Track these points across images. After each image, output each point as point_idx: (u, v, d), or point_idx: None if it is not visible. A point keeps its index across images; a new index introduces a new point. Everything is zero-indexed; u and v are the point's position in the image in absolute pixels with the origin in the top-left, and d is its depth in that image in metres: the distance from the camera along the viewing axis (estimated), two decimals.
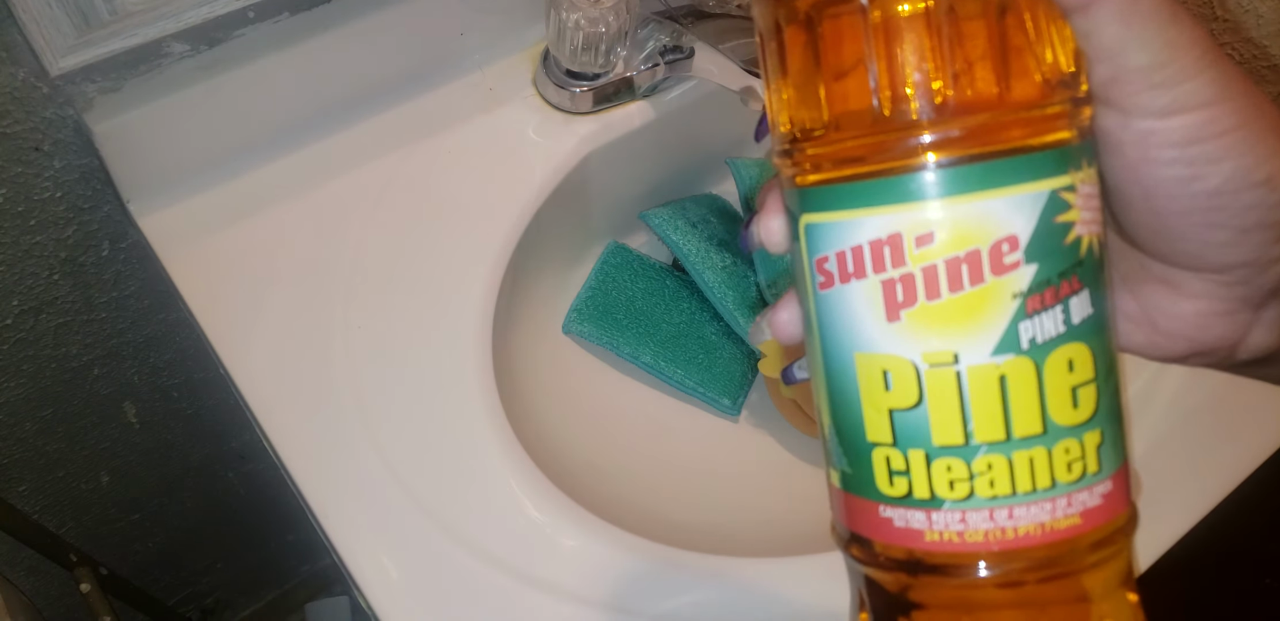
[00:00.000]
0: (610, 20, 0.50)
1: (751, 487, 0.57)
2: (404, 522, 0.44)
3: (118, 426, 0.71)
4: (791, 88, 0.23)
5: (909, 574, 0.23)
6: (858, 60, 0.21)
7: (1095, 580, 0.22)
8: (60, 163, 0.50)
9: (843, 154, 0.22)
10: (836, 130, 0.22)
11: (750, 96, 0.51)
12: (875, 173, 0.21)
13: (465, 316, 0.49)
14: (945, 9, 0.20)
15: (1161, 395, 0.51)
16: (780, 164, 0.24)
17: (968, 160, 0.21)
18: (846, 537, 0.25)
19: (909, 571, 0.23)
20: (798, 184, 0.23)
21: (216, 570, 1.02)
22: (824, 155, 0.22)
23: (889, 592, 0.24)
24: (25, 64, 0.44)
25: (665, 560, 0.44)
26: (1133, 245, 0.24)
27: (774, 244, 0.24)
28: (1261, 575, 0.90)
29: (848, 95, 0.22)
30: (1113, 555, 0.22)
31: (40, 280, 0.55)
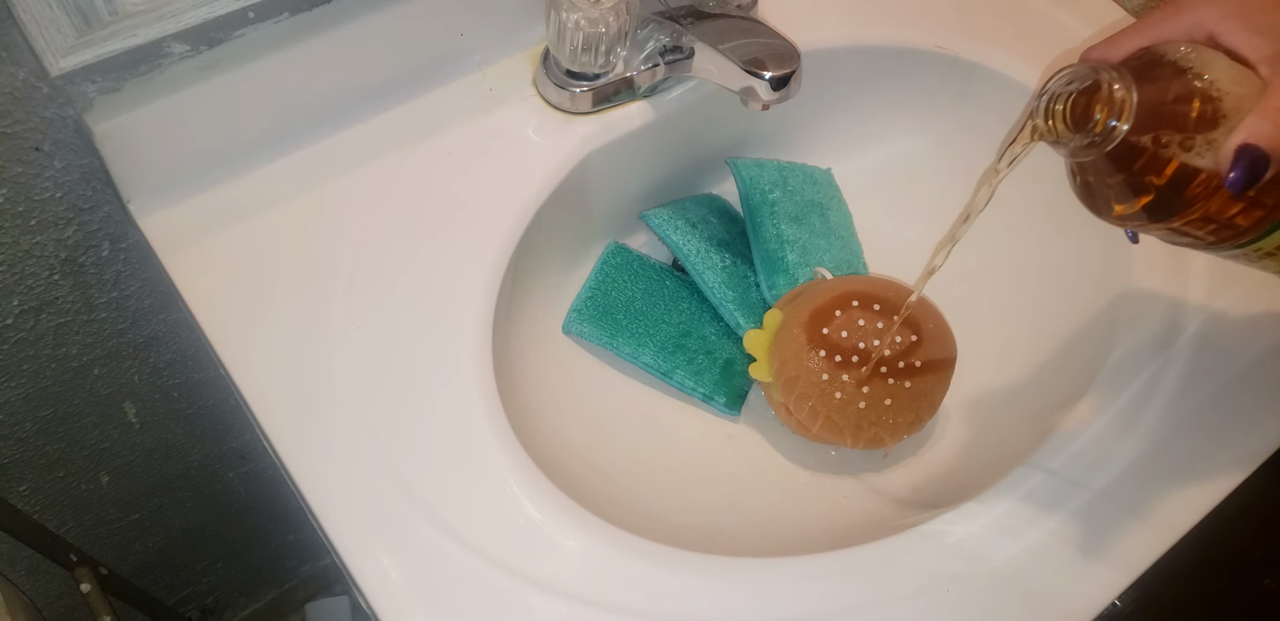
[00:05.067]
0: (610, 20, 0.50)
1: (751, 487, 0.57)
2: (404, 522, 0.44)
3: (118, 426, 0.71)
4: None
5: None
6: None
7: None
8: (60, 163, 0.50)
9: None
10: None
11: (750, 96, 0.51)
12: None
13: (465, 316, 0.49)
14: None
15: (1161, 395, 0.51)
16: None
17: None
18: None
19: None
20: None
21: (216, 570, 1.02)
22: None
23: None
24: (25, 64, 0.44)
25: (665, 560, 0.44)
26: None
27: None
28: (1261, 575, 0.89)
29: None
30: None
31: (40, 280, 0.55)
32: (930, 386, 0.55)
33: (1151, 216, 0.38)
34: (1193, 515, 0.48)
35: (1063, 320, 0.59)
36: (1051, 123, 0.41)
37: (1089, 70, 0.39)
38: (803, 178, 0.64)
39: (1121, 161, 0.38)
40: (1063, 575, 0.46)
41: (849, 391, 0.53)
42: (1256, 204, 0.37)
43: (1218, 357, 0.53)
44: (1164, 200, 0.37)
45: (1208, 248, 0.39)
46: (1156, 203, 0.37)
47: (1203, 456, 0.50)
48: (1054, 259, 0.62)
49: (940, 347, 0.56)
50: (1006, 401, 0.58)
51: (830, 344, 0.53)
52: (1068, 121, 0.40)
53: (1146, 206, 0.38)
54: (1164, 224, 0.38)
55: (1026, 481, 0.48)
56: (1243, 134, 0.35)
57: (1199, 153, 0.36)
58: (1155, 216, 0.38)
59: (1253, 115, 0.35)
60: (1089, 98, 0.39)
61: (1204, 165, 0.36)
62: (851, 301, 0.55)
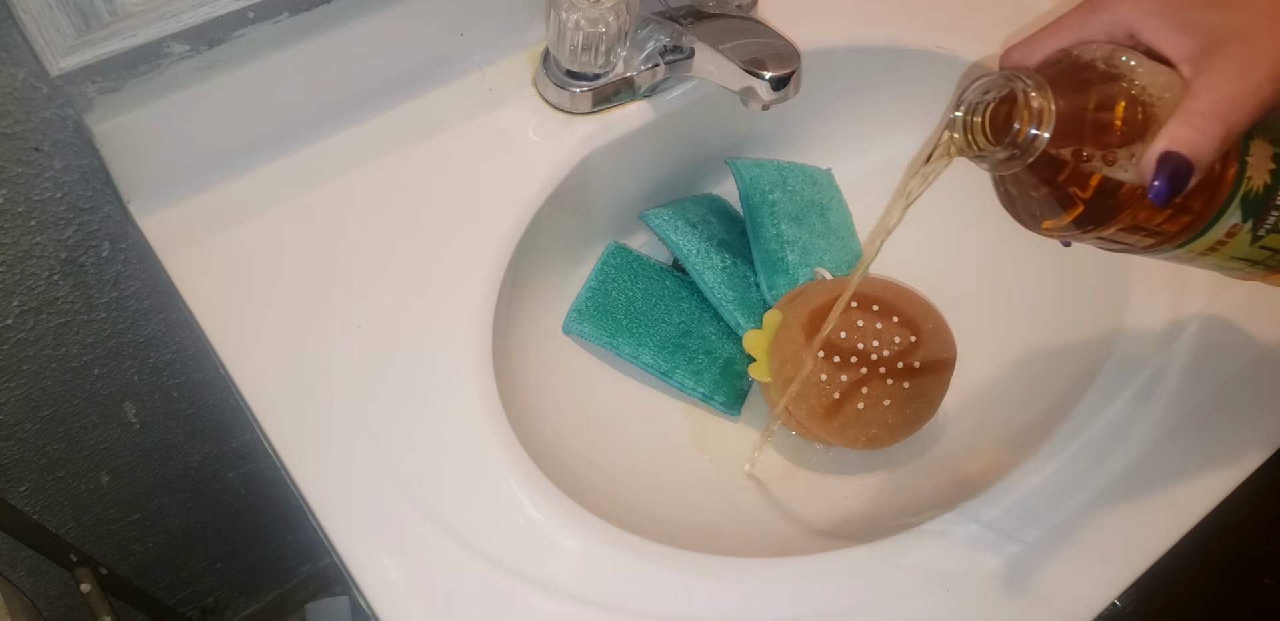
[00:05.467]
0: (610, 20, 0.50)
1: (751, 487, 0.57)
2: (404, 522, 0.44)
3: (118, 426, 0.71)
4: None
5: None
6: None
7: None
8: (60, 163, 0.50)
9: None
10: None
11: (750, 96, 0.51)
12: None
13: (465, 316, 0.49)
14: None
15: (1161, 395, 0.51)
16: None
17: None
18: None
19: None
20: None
21: (216, 570, 1.02)
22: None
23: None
24: (25, 64, 0.44)
25: (665, 560, 0.44)
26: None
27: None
28: (1261, 575, 0.89)
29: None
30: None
31: (40, 280, 0.55)
32: (930, 387, 0.55)
33: (1079, 226, 0.37)
34: (1193, 515, 0.48)
35: (1062, 320, 0.59)
36: (971, 136, 0.39)
37: (1004, 79, 0.38)
38: (803, 178, 0.64)
39: (1044, 173, 0.37)
40: (1063, 575, 0.46)
41: (848, 392, 0.53)
42: (1184, 210, 0.36)
43: (1218, 357, 0.53)
44: (1090, 211, 0.36)
45: (1141, 252, 0.39)
46: (1082, 213, 0.37)
47: (1202, 456, 0.50)
48: (1053, 259, 0.62)
49: (940, 348, 0.56)
50: (1006, 401, 0.58)
51: (829, 344, 0.53)
52: (987, 134, 0.39)
53: (1072, 217, 0.37)
54: (1092, 234, 0.37)
55: (1026, 481, 0.48)
56: (1164, 141, 0.33)
57: (1122, 162, 0.35)
58: (1082, 226, 0.37)
59: (1174, 120, 0.34)
60: (1009, 107, 0.37)
61: (1128, 176, 0.35)
62: (851, 302, 0.55)
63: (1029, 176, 0.37)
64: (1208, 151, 0.33)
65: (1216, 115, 0.33)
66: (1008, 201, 0.40)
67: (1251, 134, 0.36)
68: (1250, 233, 0.37)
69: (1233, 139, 0.34)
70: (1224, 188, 0.36)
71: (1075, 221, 0.37)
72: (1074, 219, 0.37)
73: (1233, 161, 0.36)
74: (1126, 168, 0.35)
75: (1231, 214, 0.36)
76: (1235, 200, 0.36)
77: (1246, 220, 0.37)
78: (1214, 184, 0.36)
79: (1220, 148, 0.33)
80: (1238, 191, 0.36)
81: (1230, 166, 0.36)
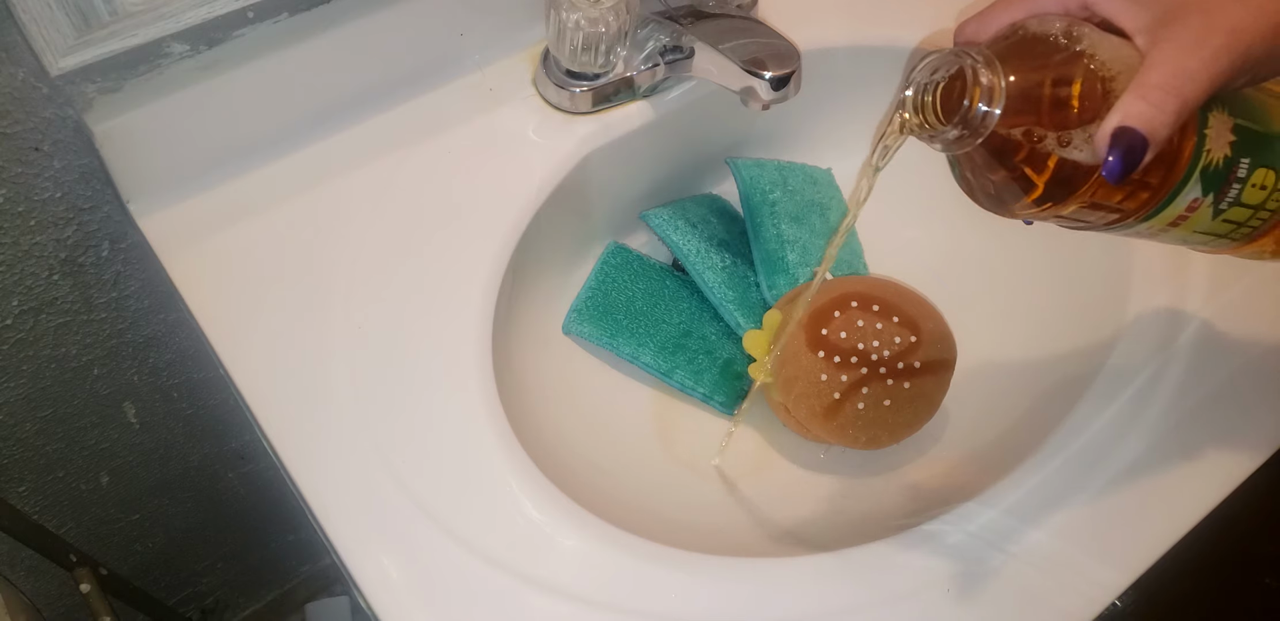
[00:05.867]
0: (610, 20, 0.50)
1: (751, 487, 0.57)
2: (404, 522, 0.44)
3: (118, 426, 0.71)
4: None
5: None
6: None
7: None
8: (60, 163, 0.50)
9: None
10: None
11: (750, 96, 0.51)
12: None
13: (465, 316, 0.49)
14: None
15: (1161, 395, 0.51)
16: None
17: None
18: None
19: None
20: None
21: (216, 570, 1.02)
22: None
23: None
24: (25, 64, 0.44)
25: (665, 560, 0.44)
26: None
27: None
28: (1261, 575, 0.89)
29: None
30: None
31: (40, 280, 0.55)
32: (930, 387, 0.55)
33: (1036, 205, 0.36)
34: (1193, 515, 0.48)
35: (1062, 320, 0.59)
36: (922, 116, 0.38)
37: (953, 56, 0.36)
38: (803, 178, 0.64)
39: (998, 151, 0.36)
40: (1063, 575, 0.46)
41: (848, 392, 0.53)
42: (1142, 185, 0.35)
43: (1218, 357, 0.53)
44: (1046, 189, 0.35)
45: (1103, 229, 0.38)
46: (1038, 192, 0.36)
47: (1203, 456, 0.50)
48: (1053, 259, 0.62)
49: (940, 348, 0.56)
50: (1006, 401, 0.58)
51: (829, 344, 0.53)
52: (938, 113, 0.38)
53: (1029, 196, 0.36)
54: (1050, 212, 0.36)
55: (1026, 481, 0.48)
56: (1118, 116, 0.32)
57: (1077, 138, 0.34)
58: (1040, 205, 0.36)
59: (1128, 94, 0.32)
60: (960, 85, 0.36)
61: (1083, 153, 0.34)
62: (850, 302, 0.55)
63: (983, 155, 0.37)
64: (1163, 126, 0.32)
65: (1171, 88, 0.32)
66: (964, 182, 0.39)
67: (1210, 106, 0.35)
68: (1212, 207, 0.36)
69: (1188, 112, 0.33)
70: (1182, 162, 0.35)
71: (1032, 200, 0.36)
72: (1031, 198, 0.36)
73: (1190, 135, 0.35)
74: (1081, 144, 0.34)
75: (1191, 188, 0.35)
76: (1194, 174, 0.35)
77: (1207, 194, 0.36)
78: (1171, 158, 0.35)
79: (1175, 122, 0.32)
80: (1197, 165, 0.35)
81: (1188, 140, 0.35)
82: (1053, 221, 0.38)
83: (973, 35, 0.38)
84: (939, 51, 0.38)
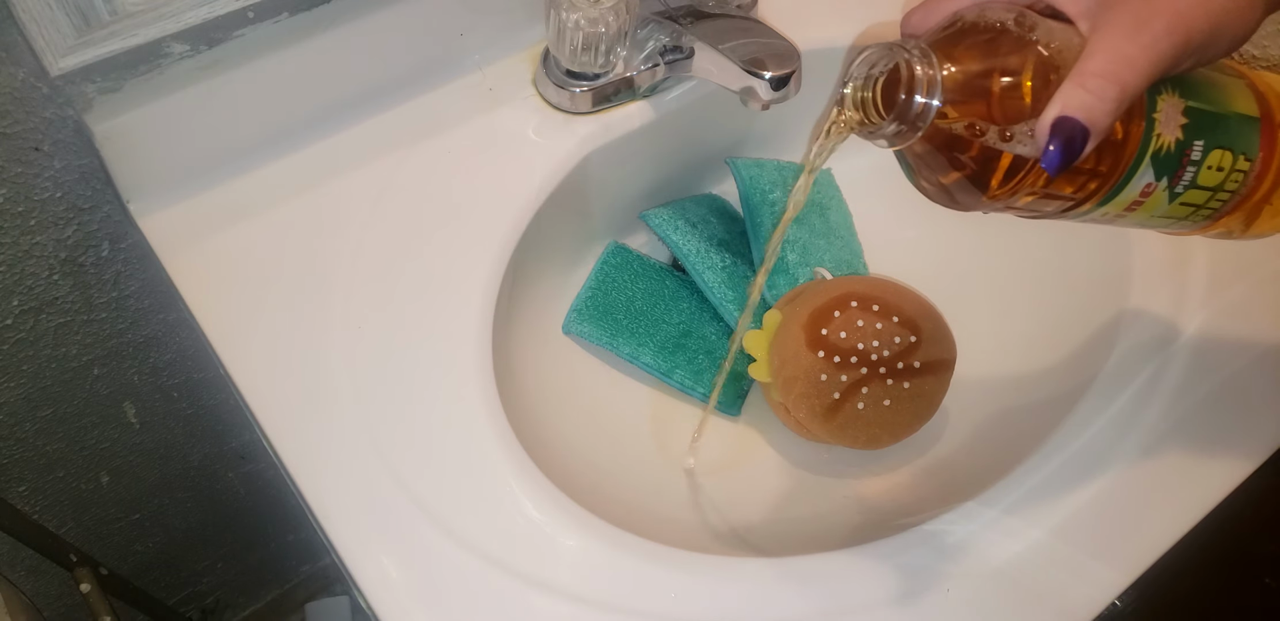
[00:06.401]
0: (610, 20, 0.50)
1: (751, 487, 0.57)
2: (404, 522, 0.44)
3: (118, 426, 0.71)
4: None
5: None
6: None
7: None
8: (60, 163, 0.50)
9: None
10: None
11: (750, 96, 0.51)
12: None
13: (465, 316, 0.49)
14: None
15: (1161, 395, 0.51)
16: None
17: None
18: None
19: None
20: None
21: (216, 570, 1.02)
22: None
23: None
24: (25, 64, 0.44)
25: (665, 560, 0.44)
26: None
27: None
28: (1262, 574, 0.89)
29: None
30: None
31: (40, 280, 0.55)
32: (930, 387, 0.55)
33: (987, 198, 0.35)
34: (1193, 514, 0.48)
35: (1062, 320, 0.59)
36: (863, 112, 0.37)
37: (887, 50, 0.36)
38: None
39: (942, 147, 0.35)
40: (1063, 575, 0.46)
41: (848, 392, 0.53)
42: (1092, 174, 0.34)
43: (1218, 357, 0.53)
44: (993, 184, 0.34)
45: (1059, 217, 0.37)
46: (986, 187, 0.35)
47: (1203, 456, 0.50)
48: (1053, 258, 0.62)
49: (940, 348, 0.56)
50: (1006, 401, 0.58)
51: (829, 344, 0.53)
52: (879, 108, 0.37)
53: (977, 189, 0.35)
54: (1001, 203, 0.36)
55: (1026, 481, 0.48)
56: (1057, 106, 0.31)
57: (1019, 131, 0.33)
58: (990, 198, 0.35)
59: (1067, 83, 0.32)
60: (900, 79, 0.35)
61: (1026, 147, 0.33)
62: (850, 302, 0.55)
63: (928, 151, 0.36)
64: (1103, 115, 0.31)
65: (1111, 75, 0.31)
66: (913, 176, 0.38)
67: (1159, 89, 0.34)
68: (1167, 191, 0.35)
69: (1129, 99, 0.32)
70: (1130, 147, 0.34)
71: (981, 195, 0.35)
72: (979, 192, 0.35)
73: (1138, 119, 0.34)
74: (1023, 136, 0.33)
75: (1144, 173, 0.35)
76: (1145, 159, 0.34)
77: (1161, 178, 0.35)
78: (1119, 144, 0.34)
79: (1116, 110, 0.32)
80: (1147, 150, 0.34)
81: (1136, 125, 0.34)
82: (1008, 212, 0.37)
83: (917, 25, 0.37)
84: (875, 45, 0.37)
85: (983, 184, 0.35)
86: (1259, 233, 0.40)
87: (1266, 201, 0.38)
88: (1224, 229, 0.39)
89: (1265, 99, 0.37)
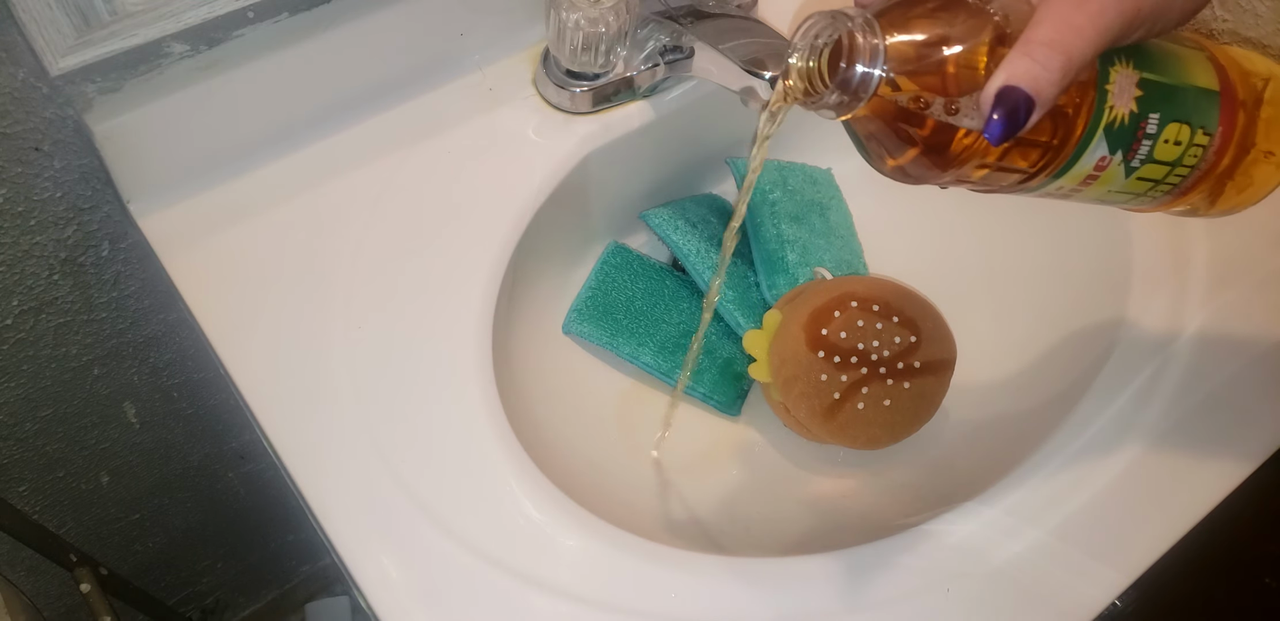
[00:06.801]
0: (610, 20, 0.50)
1: (751, 487, 0.57)
2: (404, 522, 0.44)
3: (118, 426, 0.71)
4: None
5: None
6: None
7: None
8: (60, 163, 0.50)
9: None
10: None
11: (750, 96, 0.51)
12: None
13: (465, 316, 0.49)
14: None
15: (1161, 395, 0.51)
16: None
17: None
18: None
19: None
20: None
21: (216, 570, 1.02)
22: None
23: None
24: (25, 64, 0.44)
25: (665, 560, 0.44)
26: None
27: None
28: (1262, 574, 0.89)
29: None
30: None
31: (40, 280, 0.55)
32: (930, 387, 0.55)
33: (932, 169, 0.34)
34: (1193, 514, 0.48)
35: (1062, 320, 0.59)
36: (809, 83, 0.36)
37: (830, 18, 0.35)
38: (803, 178, 0.64)
39: (888, 116, 0.34)
40: (1063, 575, 0.46)
41: (848, 392, 0.53)
42: (1041, 147, 0.33)
43: (1218, 357, 0.53)
44: (938, 153, 0.33)
45: (1013, 192, 0.36)
46: (931, 156, 0.34)
47: (1203, 456, 0.50)
48: (1053, 259, 0.62)
49: (940, 348, 0.56)
50: (1006, 401, 0.58)
51: (829, 344, 0.53)
52: (824, 78, 0.36)
53: (921, 160, 0.34)
54: (951, 175, 0.34)
55: (1027, 481, 0.48)
56: (1002, 76, 0.30)
57: (966, 101, 0.32)
58: (935, 168, 0.34)
59: (1013, 52, 0.31)
60: (845, 47, 0.34)
61: (971, 118, 0.32)
62: (850, 302, 0.55)
63: (875, 123, 0.35)
64: (1049, 84, 0.30)
65: (1056, 44, 0.30)
66: (865, 151, 0.38)
67: (1112, 60, 0.33)
68: (1123, 165, 0.35)
69: (1075, 69, 0.31)
70: (1082, 119, 0.33)
71: (921, 162, 0.34)
72: (920, 159, 0.34)
73: (1090, 90, 0.33)
74: (969, 107, 0.32)
75: (1097, 146, 0.34)
76: (1098, 132, 0.33)
77: (1115, 152, 0.34)
78: (1069, 116, 0.33)
79: (1062, 80, 0.31)
80: (1100, 122, 0.33)
81: (1087, 96, 0.33)
82: (963, 186, 0.36)
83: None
84: (819, 14, 0.36)
85: (932, 157, 0.34)
86: (1225, 209, 0.38)
87: (1229, 177, 0.37)
88: (1189, 206, 0.38)
89: (1226, 72, 0.36)
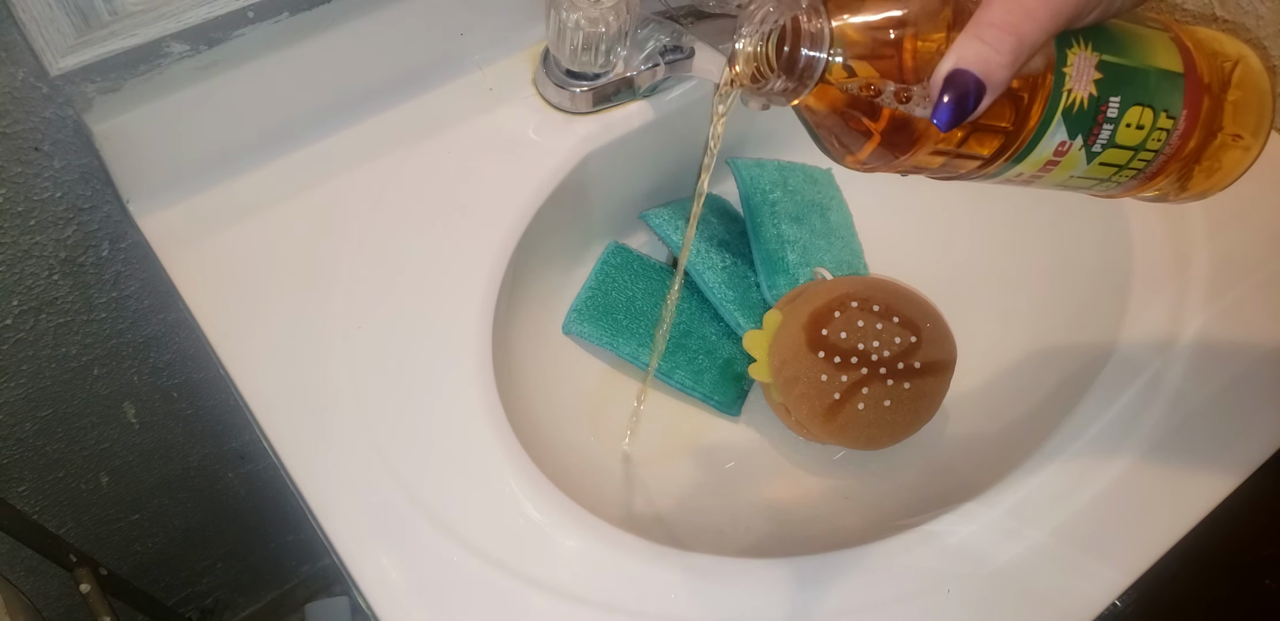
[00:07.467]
0: (610, 20, 0.50)
1: (751, 488, 0.57)
2: (404, 522, 0.44)
3: (118, 426, 0.71)
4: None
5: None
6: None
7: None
8: (60, 163, 0.50)
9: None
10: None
11: (750, 96, 0.50)
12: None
13: (465, 316, 0.49)
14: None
15: (1162, 395, 0.51)
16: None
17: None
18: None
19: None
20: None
21: (216, 570, 1.02)
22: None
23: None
24: (25, 64, 0.44)
25: (665, 560, 0.44)
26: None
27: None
28: (1261, 576, 0.89)
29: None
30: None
31: (40, 280, 0.55)
32: (930, 387, 0.55)
33: (884, 156, 0.33)
34: (1193, 515, 0.48)
35: (1063, 320, 0.59)
36: (757, 68, 0.36)
37: (778, 3, 0.34)
38: (803, 178, 0.64)
39: (837, 103, 0.33)
40: (1063, 575, 0.46)
41: (848, 392, 0.53)
42: (998, 133, 0.32)
43: (1218, 358, 0.53)
44: (889, 140, 0.33)
45: (973, 178, 0.35)
46: (882, 143, 0.33)
47: (1203, 457, 0.50)
48: (1053, 259, 0.62)
49: (940, 349, 0.56)
50: (1006, 402, 0.58)
51: (829, 345, 0.53)
52: (770, 63, 0.35)
53: (876, 148, 0.33)
54: (906, 162, 0.34)
55: (1027, 481, 0.48)
56: (951, 59, 0.29)
57: (915, 88, 0.31)
58: (890, 155, 0.33)
59: (963, 34, 0.30)
60: (794, 33, 0.33)
61: (922, 103, 0.31)
62: (851, 302, 0.55)
63: (826, 111, 0.34)
64: (1000, 67, 0.29)
65: (1007, 26, 0.29)
66: (820, 141, 0.37)
67: (1070, 42, 0.32)
68: (1084, 150, 0.34)
69: (1027, 51, 0.30)
70: (1039, 103, 0.32)
71: (878, 152, 0.34)
72: (876, 149, 0.34)
73: (1047, 73, 0.32)
74: (919, 91, 0.31)
75: (1056, 131, 0.33)
76: (1056, 116, 0.32)
77: (1075, 137, 0.33)
78: (1026, 100, 0.32)
79: (1014, 62, 0.30)
80: (1057, 106, 0.32)
81: (1044, 79, 0.32)
82: (923, 174, 0.36)
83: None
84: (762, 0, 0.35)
85: (887, 145, 0.33)
86: (1195, 194, 0.38)
87: (1196, 161, 0.36)
88: (1157, 191, 0.38)
89: (1191, 53, 0.35)
